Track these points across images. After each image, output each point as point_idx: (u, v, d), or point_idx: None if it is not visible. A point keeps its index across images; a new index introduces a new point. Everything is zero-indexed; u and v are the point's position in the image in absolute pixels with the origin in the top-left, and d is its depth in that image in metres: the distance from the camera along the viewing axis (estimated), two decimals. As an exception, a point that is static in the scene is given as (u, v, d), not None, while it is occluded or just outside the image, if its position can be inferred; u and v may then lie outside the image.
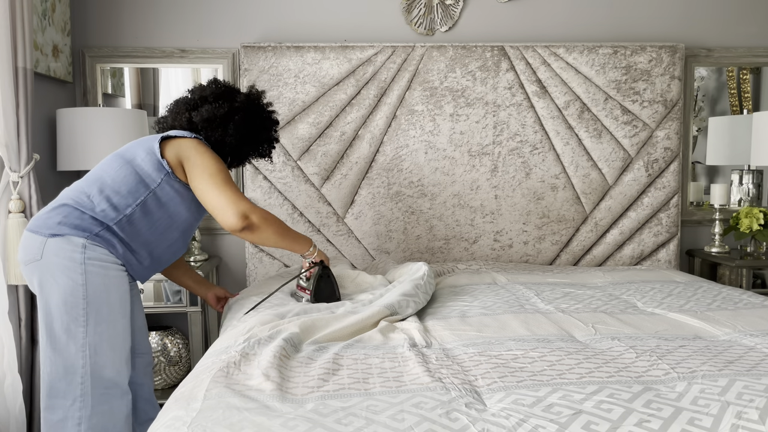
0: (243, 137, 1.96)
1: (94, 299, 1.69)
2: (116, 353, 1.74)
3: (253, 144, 2.02)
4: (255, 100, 2.02)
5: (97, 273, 1.69)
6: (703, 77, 3.17)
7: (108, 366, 1.72)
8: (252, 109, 1.99)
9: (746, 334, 1.65)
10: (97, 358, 1.70)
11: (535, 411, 1.15)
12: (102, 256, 1.70)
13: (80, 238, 1.68)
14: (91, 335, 1.69)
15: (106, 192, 1.74)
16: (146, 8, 2.92)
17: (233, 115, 1.93)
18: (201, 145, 1.82)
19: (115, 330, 1.73)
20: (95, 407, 1.70)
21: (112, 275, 1.72)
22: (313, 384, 1.29)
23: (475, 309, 1.94)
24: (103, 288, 1.70)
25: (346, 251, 2.90)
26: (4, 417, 2.14)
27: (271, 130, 2.07)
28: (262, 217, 1.75)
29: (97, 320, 1.69)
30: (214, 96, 1.95)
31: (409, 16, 2.98)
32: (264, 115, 2.04)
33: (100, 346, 1.71)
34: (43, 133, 2.62)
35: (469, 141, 2.90)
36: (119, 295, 1.74)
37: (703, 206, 3.19)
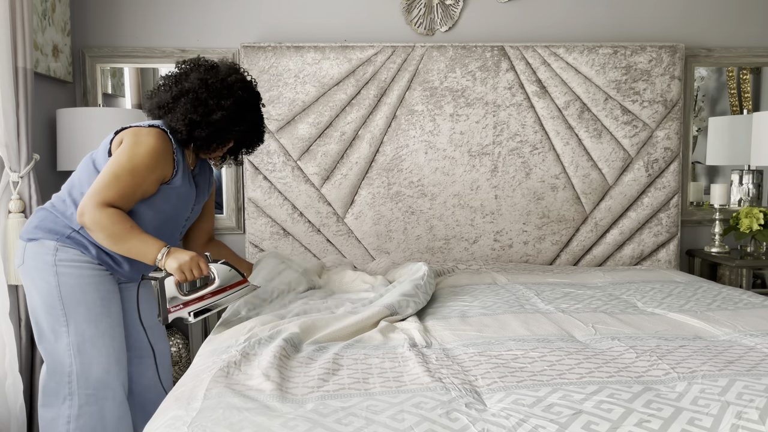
0: (192, 122, 1.72)
1: (70, 300, 1.69)
2: (102, 353, 1.72)
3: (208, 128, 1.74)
4: (210, 78, 1.74)
5: (70, 274, 1.69)
6: (703, 77, 3.17)
7: (94, 365, 1.71)
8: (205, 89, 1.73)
9: (746, 334, 1.65)
10: (82, 358, 1.71)
11: (535, 411, 1.15)
12: (74, 257, 1.70)
13: (51, 241, 1.70)
14: (73, 335, 1.70)
15: (74, 194, 1.74)
16: (146, 8, 2.92)
17: (180, 98, 1.73)
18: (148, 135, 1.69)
19: (98, 329, 1.72)
20: (83, 407, 1.71)
21: (87, 275, 1.71)
22: (313, 384, 1.29)
23: (475, 309, 1.94)
24: (78, 288, 1.70)
25: (346, 251, 2.90)
26: (5, 416, 2.14)
27: (231, 111, 1.75)
28: (93, 220, 1.60)
29: (76, 320, 1.70)
30: (168, 81, 1.77)
31: (409, 16, 2.98)
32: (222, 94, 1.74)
33: (83, 345, 1.71)
34: (43, 133, 2.62)
35: (469, 141, 2.90)
36: (99, 295, 1.73)
37: (703, 206, 3.19)
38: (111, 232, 1.61)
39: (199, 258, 1.65)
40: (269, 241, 2.88)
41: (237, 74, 1.79)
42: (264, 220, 2.87)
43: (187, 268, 1.61)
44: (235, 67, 1.82)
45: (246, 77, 1.82)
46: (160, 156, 1.70)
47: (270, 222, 2.88)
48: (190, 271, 1.62)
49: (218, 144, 1.80)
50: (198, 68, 1.77)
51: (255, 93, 1.84)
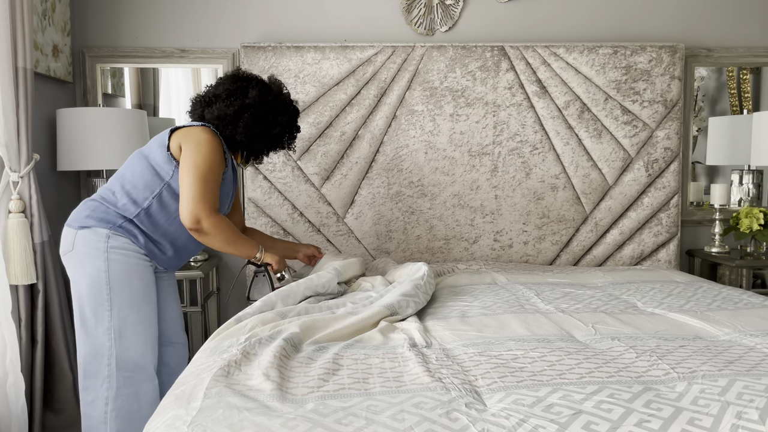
0: (253, 135, 1.96)
1: (116, 285, 1.82)
2: (140, 338, 1.85)
3: (266, 141, 2.01)
4: (268, 95, 1.98)
5: (119, 261, 1.83)
6: (703, 77, 3.17)
7: (132, 349, 1.84)
8: (264, 106, 1.96)
9: (746, 334, 1.65)
10: (122, 342, 1.83)
11: (535, 411, 1.15)
12: (124, 245, 1.84)
13: (104, 229, 1.83)
14: (115, 319, 1.82)
15: (126, 187, 1.88)
16: (146, 8, 2.92)
17: (243, 113, 1.93)
18: (204, 133, 1.85)
19: (139, 315, 1.86)
20: (120, 389, 1.83)
21: (133, 263, 1.85)
22: (313, 384, 1.29)
23: (475, 309, 1.94)
24: (125, 275, 1.83)
25: (346, 251, 2.90)
26: (6, 416, 2.14)
27: (285, 125, 2.03)
28: (212, 225, 1.80)
29: (120, 305, 1.83)
30: (226, 93, 1.95)
31: (409, 16, 2.98)
32: (279, 110, 2.00)
33: (124, 329, 1.83)
34: (43, 133, 2.62)
35: (469, 141, 2.90)
36: (142, 283, 1.87)
37: (703, 206, 3.19)
38: (226, 236, 1.84)
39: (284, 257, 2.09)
40: (269, 241, 2.88)
41: (286, 90, 2.05)
42: (264, 220, 2.87)
43: (282, 262, 2.03)
44: (281, 83, 2.05)
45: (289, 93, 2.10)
46: (221, 152, 1.88)
47: (270, 222, 2.88)
48: (282, 264, 2.03)
49: (260, 155, 2.07)
50: (255, 85, 1.96)
51: (296, 107, 2.08)
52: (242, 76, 2.00)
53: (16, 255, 2.20)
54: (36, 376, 2.32)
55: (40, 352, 2.33)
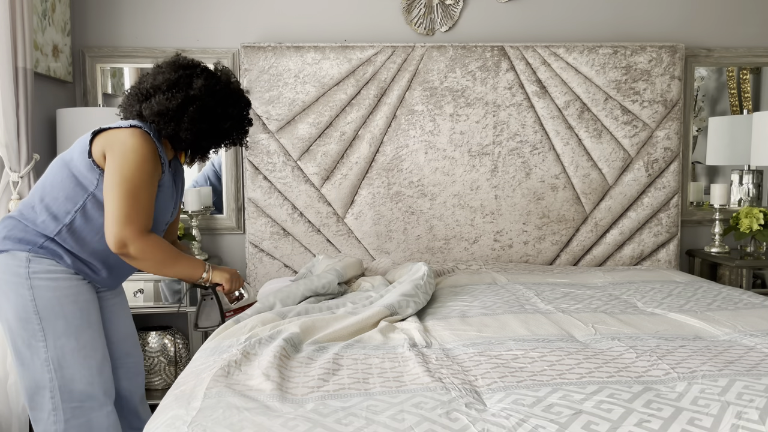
0: (200, 132, 1.69)
1: (46, 313, 1.60)
2: (84, 366, 1.65)
3: (214, 137, 1.75)
4: (216, 85, 1.71)
5: (46, 286, 1.60)
6: (703, 77, 3.17)
7: (76, 379, 1.64)
8: (212, 97, 1.69)
9: (746, 334, 1.65)
10: (63, 372, 1.63)
11: (535, 411, 1.15)
12: (49, 268, 1.61)
13: (23, 252, 1.60)
14: (51, 350, 1.61)
15: (46, 200, 1.64)
16: (146, 8, 2.92)
17: (187, 107, 1.66)
18: (132, 138, 1.59)
19: (78, 342, 1.64)
20: (69, 421, 1.65)
21: (64, 286, 1.63)
22: (313, 384, 1.29)
23: (475, 309, 1.94)
24: (55, 301, 1.61)
25: (346, 251, 2.90)
26: (7, 416, 2.14)
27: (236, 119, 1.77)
28: (140, 249, 1.56)
29: (55, 334, 1.61)
30: (167, 84, 1.67)
31: (409, 16, 2.99)
32: (229, 101, 1.73)
33: (63, 359, 1.62)
34: (43, 133, 2.62)
35: (469, 141, 2.90)
36: (77, 306, 1.64)
37: (703, 206, 3.19)
38: (159, 260, 1.62)
39: (237, 272, 1.83)
40: (269, 241, 2.88)
41: (235, 78, 1.79)
42: (264, 220, 2.87)
43: (235, 279, 1.80)
44: (229, 71, 1.80)
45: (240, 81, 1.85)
46: (154, 160, 1.63)
47: (270, 222, 2.88)
48: (232, 282, 1.80)
49: (217, 150, 1.83)
50: (200, 74, 1.70)
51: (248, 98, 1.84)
52: (184, 64, 1.71)
53: (16, 255, 2.20)
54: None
55: (40, 352, 2.32)
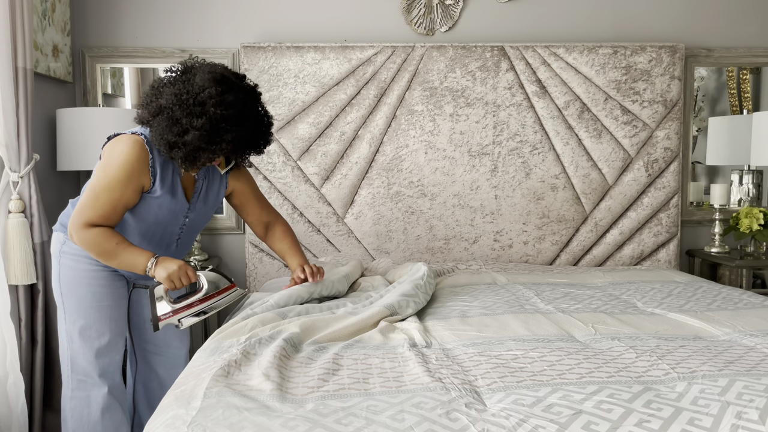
0: (168, 143, 1.64)
1: (66, 290, 1.82)
2: (87, 344, 1.82)
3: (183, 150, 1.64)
4: (184, 94, 1.61)
5: (69, 266, 1.81)
6: (703, 77, 3.17)
7: (80, 355, 1.83)
8: (179, 107, 1.61)
9: (746, 334, 1.65)
10: (73, 345, 1.83)
11: (535, 411, 1.15)
12: (76, 251, 1.80)
13: (63, 234, 1.82)
14: (68, 323, 1.83)
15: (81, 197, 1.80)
16: (146, 8, 2.92)
17: (156, 116, 1.65)
18: (123, 144, 1.66)
19: (86, 322, 1.81)
20: (74, 391, 1.85)
21: (83, 269, 1.80)
22: (313, 384, 1.29)
23: (475, 309, 1.94)
24: (73, 280, 1.80)
25: (346, 251, 2.90)
26: (7, 416, 2.14)
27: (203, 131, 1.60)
28: (81, 241, 1.67)
29: (70, 310, 1.82)
30: (150, 91, 1.69)
31: (409, 16, 2.98)
32: (195, 112, 1.60)
33: (73, 334, 1.82)
34: (43, 133, 2.62)
35: (469, 141, 2.90)
36: (90, 290, 1.81)
37: (703, 206, 3.19)
38: (100, 251, 1.68)
39: (186, 267, 1.69)
40: (269, 241, 2.88)
41: (213, 88, 1.60)
42: (264, 220, 2.87)
43: (175, 276, 1.66)
44: (215, 77, 1.63)
45: (224, 91, 1.61)
46: (134, 168, 1.66)
47: (270, 222, 2.88)
48: (179, 279, 1.67)
49: (198, 163, 1.68)
50: (174, 82, 1.64)
51: (235, 107, 1.63)
52: (175, 70, 1.67)
53: (15, 255, 2.20)
54: (36, 376, 2.32)
55: (40, 352, 2.33)
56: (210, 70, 1.65)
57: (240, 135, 1.66)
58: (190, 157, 1.65)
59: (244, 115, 1.66)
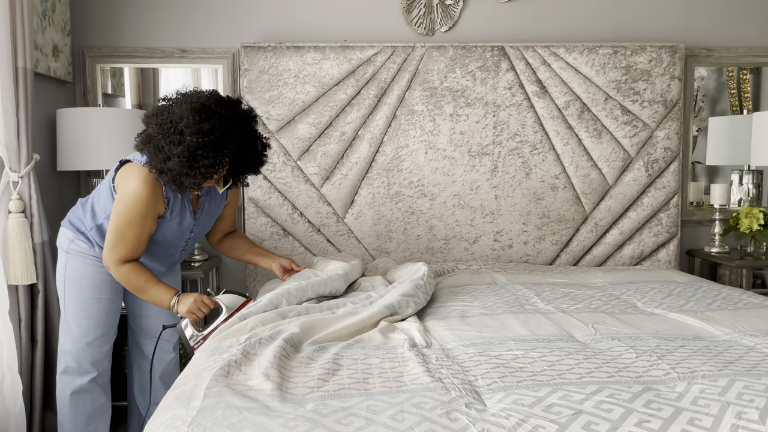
0: (158, 169, 1.75)
1: (69, 280, 1.99)
2: (80, 331, 1.99)
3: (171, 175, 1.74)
4: (166, 123, 1.71)
5: (76, 259, 1.98)
6: (703, 77, 3.17)
7: (71, 341, 2.00)
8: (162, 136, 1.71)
9: (746, 334, 1.65)
10: (66, 333, 2.01)
11: (535, 411, 1.15)
12: (83, 249, 1.99)
13: (71, 232, 2.00)
14: (66, 310, 2.01)
15: (92, 200, 2.00)
16: (146, 8, 2.92)
17: (146, 145, 1.76)
18: (135, 179, 1.80)
19: (84, 311, 1.99)
20: (61, 375, 2.04)
21: (89, 262, 1.99)
22: (313, 384, 1.29)
23: (475, 309, 1.94)
24: (77, 272, 1.98)
25: (346, 251, 2.90)
26: (4, 417, 2.14)
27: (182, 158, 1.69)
28: (118, 275, 1.88)
29: (70, 299, 1.99)
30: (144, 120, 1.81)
31: (409, 16, 2.98)
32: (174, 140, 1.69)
33: (69, 320, 2.00)
34: (43, 133, 2.62)
35: (469, 141, 2.90)
36: (93, 282, 1.99)
37: (703, 206, 3.19)
38: (132, 287, 1.90)
39: (201, 297, 1.87)
40: (269, 241, 2.88)
41: (191, 117, 1.68)
42: (264, 220, 2.87)
43: (195, 308, 1.86)
44: (194, 107, 1.69)
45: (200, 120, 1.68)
46: (151, 203, 1.83)
47: (270, 222, 2.88)
48: (199, 310, 1.86)
49: (184, 188, 1.78)
50: (161, 112, 1.74)
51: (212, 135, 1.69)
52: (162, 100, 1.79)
53: (15, 255, 2.20)
54: (36, 377, 2.32)
55: (40, 353, 2.33)
56: (193, 100, 1.73)
57: (218, 161, 1.74)
58: (177, 182, 1.76)
59: (223, 141, 1.72)
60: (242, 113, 1.82)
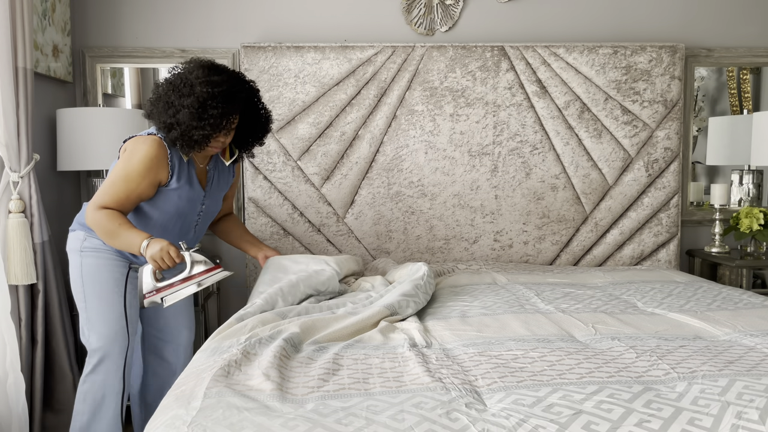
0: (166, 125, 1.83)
1: (88, 278, 1.94)
2: (107, 325, 1.93)
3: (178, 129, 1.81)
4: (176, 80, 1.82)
5: (92, 256, 1.95)
6: (703, 77, 3.17)
7: (100, 338, 1.93)
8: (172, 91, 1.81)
9: (746, 334, 1.65)
10: (91, 331, 1.94)
11: (535, 411, 1.15)
12: (97, 246, 1.95)
13: (82, 232, 1.96)
14: (89, 310, 1.94)
15: None
16: (146, 8, 2.92)
17: (156, 104, 1.84)
18: (141, 143, 1.84)
19: (108, 304, 1.94)
20: (89, 375, 1.95)
21: (105, 257, 1.95)
22: (314, 384, 1.29)
23: (475, 309, 1.94)
24: (96, 268, 1.94)
25: (346, 251, 2.90)
26: (7, 416, 2.14)
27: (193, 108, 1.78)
28: (90, 220, 1.83)
29: (91, 296, 1.94)
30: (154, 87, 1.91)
31: (409, 16, 2.98)
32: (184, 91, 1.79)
33: (93, 318, 1.94)
34: (43, 133, 2.62)
35: (469, 141, 2.90)
36: (113, 276, 1.95)
37: (703, 206, 3.19)
38: (104, 230, 1.82)
39: (169, 247, 1.77)
40: (269, 241, 2.88)
41: (200, 70, 1.80)
42: (264, 220, 2.87)
43: (158, 257, 1.77)
44: (203, 64, 1.83)
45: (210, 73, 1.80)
46: (153, 164, 1.84)
47: (270, 222, 2.88)
48: (161, 259, 1.77)
49: (194, 144, 1.84)
50: (170, 73, 1.86)
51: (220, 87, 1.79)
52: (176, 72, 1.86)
53: (16, 255, 2.20)
54: (36, 376, 2.32)
55: (40, 352, 2.33)
56: (202, 60, 1.87)
57: (227, 112, 1.81)
58: (186, 136, 1.81)
59: (231, 95, 1.82)
60: (247, 78, 1.95)
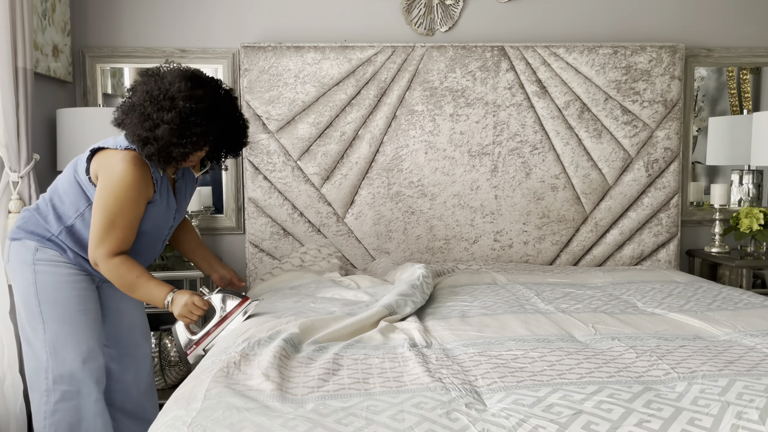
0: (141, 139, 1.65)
1: (45, 298, 1.75)
2: (76, 349, 1.76)
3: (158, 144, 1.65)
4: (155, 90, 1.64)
5: (47, 272, 1.75)
6: (703, 77, 3.17)
7: (68, 362, 1.75)
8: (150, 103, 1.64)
9: (746, 334, 1.65)
10: (57, 355, 1.75)
11: (535, 411, 1.15)
12: (53, 257, 1.76)
13: (32, 242, 1.76)
14: (48, 332, 1.75)
15: (54, 200, 1.80)
16: (146, 8, 2.92)
17: (129, 114, 1.67)
18: (122, 163, 1.67)
19: (73, 326, 1.76)
20: (57, 404, 1.76)
21: (64, 273, 1.76)
22: (313, 384, 1.29)
23: (475, 309, 1.94)
24: (54, 286, 1.75)
25: (346, 251, 2.90)
26: (5, 416, 2.14)
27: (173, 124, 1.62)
28: (108, 269, 1.70)
29: (51, 318, 1.75)
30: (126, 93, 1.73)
31: (409, 17, 2.98)
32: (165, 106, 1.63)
33: (57, 343, 1.75)
34: (43, 133, 2.62)
35: (469, 141, 2.90)
36: (75, 293, 1.77)
37: (703, 206, 3.19)
38: (122, 283, 1.71)
39: (193, 298, 1.71)
40: (269, 241, 2.88)
41: (183, 83, 1.64)
42: (264, 220, 2.87)
43: (186, 312, 1.71)
44: (185, 75, 1.66)
45: (193, 87, 1.64)
46: (141, 185, 1.70)
47: (270, 222, 2.88)
48: (191, 313, 1.71)
49: (171, 160, 1.69)
50: (147, 80, 1.68)
51: (205, 102, 1.65)
52: (147, 72, 1.70)
53: (15, 255, 2.20)
54: (36, 376, 2.32)
55: (40, 352, 2.32)
56: (182, 69, 1.70)
57: (210, 130, 1.68)
58: (164, 153, 1.66)
59: (215, 110, 1.68)
60: (227, 89, 1.79)
